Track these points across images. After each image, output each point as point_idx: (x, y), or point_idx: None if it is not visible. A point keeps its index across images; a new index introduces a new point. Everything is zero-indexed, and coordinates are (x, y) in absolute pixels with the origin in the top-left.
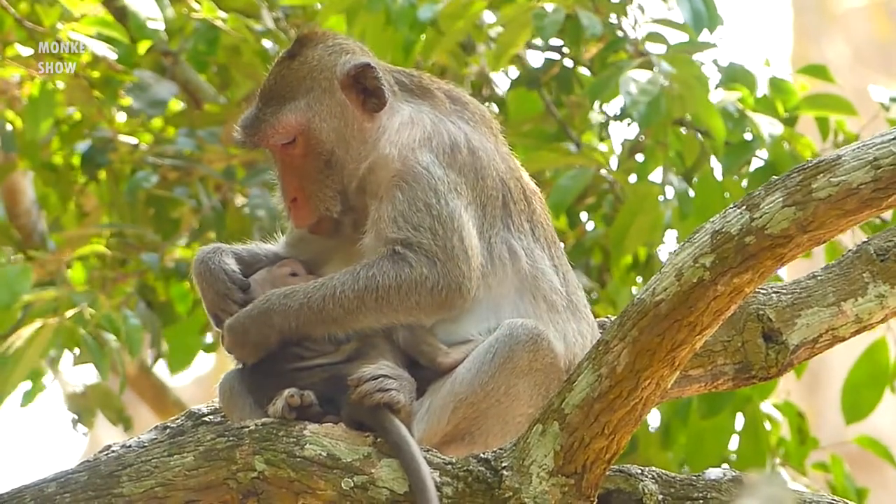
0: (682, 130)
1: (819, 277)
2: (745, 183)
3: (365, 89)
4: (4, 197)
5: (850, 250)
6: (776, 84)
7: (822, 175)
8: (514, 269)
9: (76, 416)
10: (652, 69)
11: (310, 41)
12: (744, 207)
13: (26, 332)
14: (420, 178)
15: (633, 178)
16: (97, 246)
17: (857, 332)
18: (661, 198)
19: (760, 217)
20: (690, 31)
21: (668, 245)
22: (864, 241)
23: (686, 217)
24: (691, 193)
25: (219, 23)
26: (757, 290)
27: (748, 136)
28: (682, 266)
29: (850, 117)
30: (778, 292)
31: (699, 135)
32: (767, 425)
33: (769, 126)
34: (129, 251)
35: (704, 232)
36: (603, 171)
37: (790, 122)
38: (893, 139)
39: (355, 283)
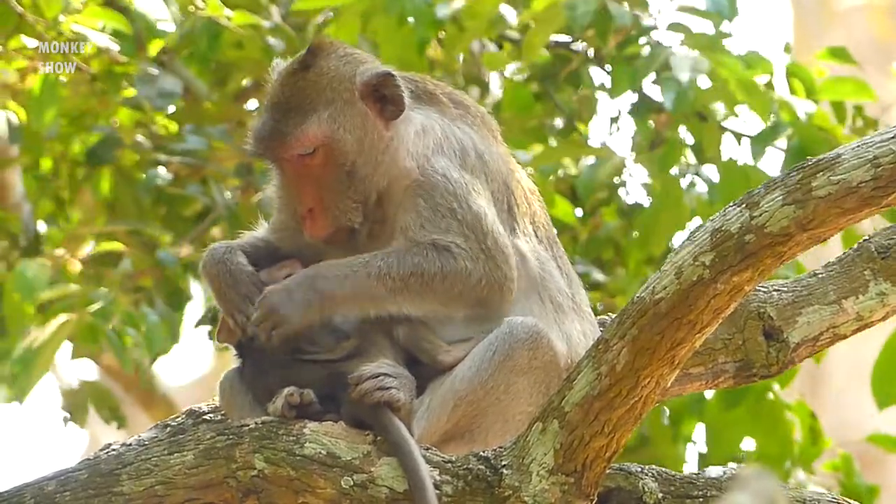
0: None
1: (820, 275)
2: (776, 169)
3: (383, 97)
4: None
5: (851, 248)
6: (794, 70)
7: (821, 173)
8: (523, 271)
9: (68, 414)
10: (671, 61)
11: (322, 51)
12: (743, 206)
13: (48, 328)
14: (437, 186)
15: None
16: (115, 244)
17: (858, 329)
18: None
19: (760, 215)
20: (716, 17)
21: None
22: (865, 239)
23: (714, 204)
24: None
25: (224, 20)
26: (757, 287)
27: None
28: (682, 264)
29: (868, 101)
30: (779, 290)
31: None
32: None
33: (803, 107)
34: (145, 249)
35: (704, 230)
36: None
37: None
38: (893, 138)
39: (401, 266)
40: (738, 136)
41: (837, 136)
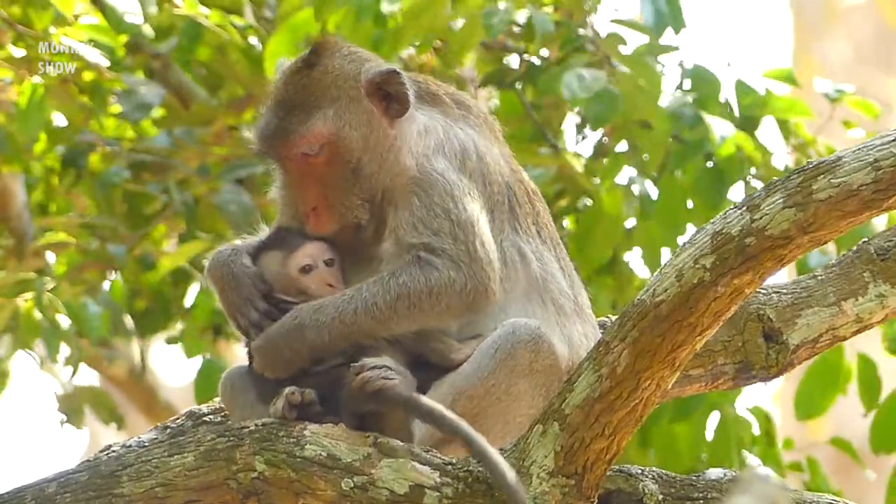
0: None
1: (819, 277)
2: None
3: (388, 95)
4: None
5: (850, 250)
6: (740, 87)
7: (822, 176)
8: (524, 272)
9: (65, 417)
10: (604, 68)
11: (326, 50)
12: (744, 208)
13: None
14: (436, 184)
15: (596, 182)
16: (61, 234)
17: (858, 331)
18: (625, 200)
19: (761, 218)
20: (649, 32)
21: (633, 250)
22: (865, 241)
23: (648, 217)
24: (654, 196)
25: (202, 20)
26: (757, 289)
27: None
28: (683, 267)
29: (807, 119)
30: (778, 292)
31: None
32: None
33: (721, 128)
34: (98, 242)
35: (705, 233)
36: (573, 173)
37: (750, 124)
38: (894, 140)
39: (386, 293)
40: (658, 148)
41: (754, 160)
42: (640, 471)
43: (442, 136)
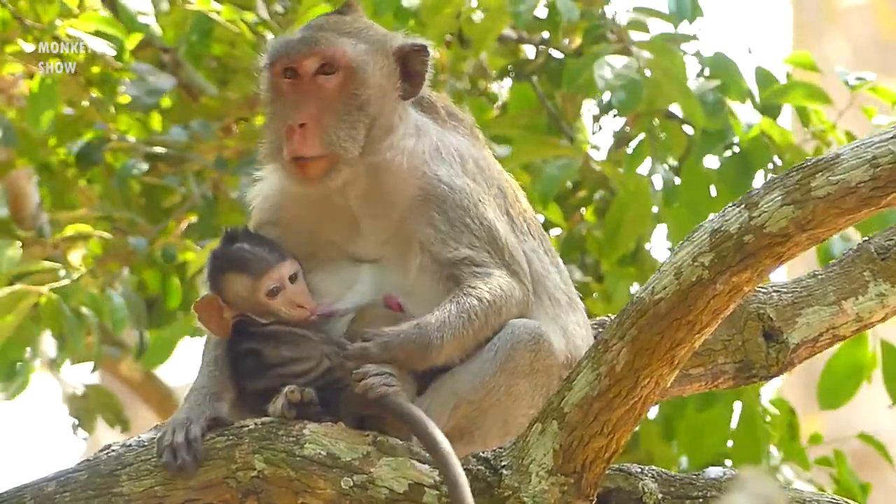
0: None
1: (820, 276)
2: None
3: (405, 73)
4: (10, 201)
5: (850, 249)
6: (760, 74)
7: (820, 174)
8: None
9: (76, 421)
10: (630, 56)
11: (357, 9)
12: (742, 206)
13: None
14: (446, 197)
15: (620, 170)
16: (82, 226)
17: (858, 330)
18: (650, 189)
19: (759, 216)
20: (673, 19)
21: (658, 237)
22: (865, 240)
23: (671, 205)
24: (678, 182)
25: (214, 15)
26: (757, 288)
27: (723, 125)
28: (681, 265)
29: (826, 106)
30: (778, 291)
31: (684, 126)
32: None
33: (747, 115)
34: (117, 235)
35: (703, 231)
36: (593, 164)
37: (771, 111)
38: (892, 138)
39: (480, 303)
40: (696, 138)
41: (781, 145)
42: (639, 469)
43: (436, 140)
